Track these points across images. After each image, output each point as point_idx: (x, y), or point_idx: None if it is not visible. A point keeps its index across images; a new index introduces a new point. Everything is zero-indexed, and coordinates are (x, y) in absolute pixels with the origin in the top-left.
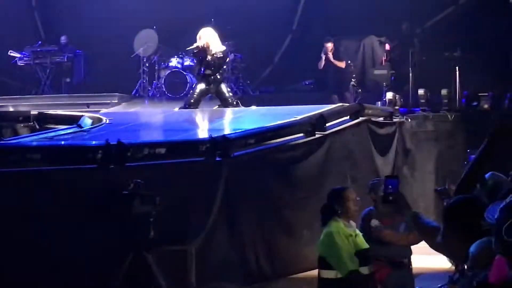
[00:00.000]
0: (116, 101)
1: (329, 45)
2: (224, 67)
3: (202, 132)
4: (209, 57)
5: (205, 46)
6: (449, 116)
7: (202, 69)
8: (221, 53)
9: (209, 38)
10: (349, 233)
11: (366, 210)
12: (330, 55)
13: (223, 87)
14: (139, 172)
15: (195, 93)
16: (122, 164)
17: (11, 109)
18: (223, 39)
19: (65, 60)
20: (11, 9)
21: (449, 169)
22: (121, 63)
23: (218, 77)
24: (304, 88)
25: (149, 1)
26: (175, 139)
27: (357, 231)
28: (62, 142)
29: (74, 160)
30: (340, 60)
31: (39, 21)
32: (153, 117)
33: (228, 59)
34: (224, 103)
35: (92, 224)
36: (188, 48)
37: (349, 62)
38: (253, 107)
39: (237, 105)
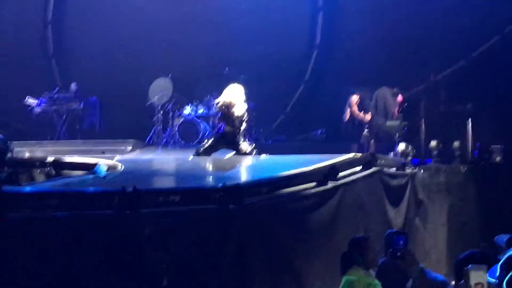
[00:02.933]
0: (131, 147)
1: (354, 98)
2: (245, 125)
3: (215, 180)
4: (230, 115)
5: (228, 104)
6: (461, 168)
7: (222, 126)
8: (243, 113)
9: (234, 97)
10: (368, 281)
11: (381, 260)
12: (355, 108)
13: (241, 142)
14: (154, 218)
15: (210, 142)
16: (137, 210)
17: (27, 155)
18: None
19: (81, 107)
20: (28, 56)
21: (461, 221)
22: (136, 110)
23: (237, 135)
24: (316, 137)
25: (165, 50)
26: (189, 187)
27: (376, 281)
28: (78, 189)
29: (90, 206)
30: (365, 112)
31: (56, 69)
32: (166, 164)
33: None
34: (239, 153)
35: (105, 271)
36: (213, 102)
37: (362, 113)
38: (265, 156)
39: (250, 153)
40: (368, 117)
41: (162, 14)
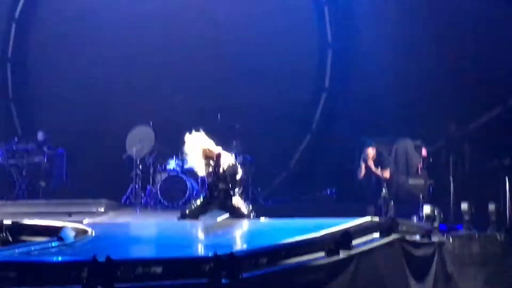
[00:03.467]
0: (103, 209)
1: (370, 151)
2: (239, 180)
3: (205, 248)
4: (219, 169)
5: (212, 154)
6: (498, 236)
7: (212, 183)
8: (235, 166)
9: (213, 146)
10: None
11: None
12: (371, 163)
13: (237, 201)
14: None
15: (198, 202)
16: (111, 284)
17: None
18: (229, 138)
19: (45, 160)
20: None
21: None
22: (110, 165)
23: (231, 193)
24: (325, 198)
25: (145, 92)
26: (173, 256)
27: None
28: (41, 258)
29: (55, 280)
30: (384, 168)
31: (15, 115)
32: (146, 229)
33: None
34: (234, 215)
35: None
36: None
37: (380, 169)
38: (264, 219)
39: (247, 216)
40: (386, 174)
41: (141, 48)
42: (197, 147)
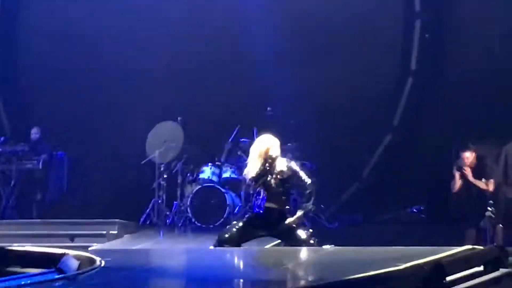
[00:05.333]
0: (116, 231)
1: (468, 156)
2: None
3: (249, 286)
4: (272, 179)
5: (270, 157)
6: None
7: (262, 198)
8: (288, 171)
9: (275, 150)
10: None
11: None
12: (469, 172)
13: (298, 233)
14: None
15: (241, 224)
16: None
17: None
18: (282, 139)
19: (39, 166)
20: None
21: None
22: (124, 173)
23: (286, 212)
24: (409, 218)
25: (171, 81)
26: None
27: None
28: None
29: None
30: (487, 178)
31: (2, 110)
32: (172, 259)
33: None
34: (288, 241)
35: None
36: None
37: (486, 179)
38: (329, 247)
39: (306, 243)
40: (490, 185)
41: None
42: (258, 147)
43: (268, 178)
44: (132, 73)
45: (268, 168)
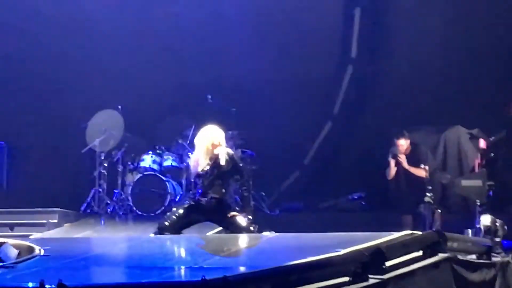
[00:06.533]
0: (56, 220)
1: (402, 143)
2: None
3: (190, 272)
4: (214, 170)
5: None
6: None
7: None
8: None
9: (221, 139)
10: None
11: None
12: (403, 159)
13: (238, 220)
14: None
15: (181, 211)
16: None
17: None
18: (223, 126)
19: None
20: None
21: None
22: (64, 162)
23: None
24: (350, 205)
25: (110, 68)
26: (148, 282)
27: None
28: None
29: None
30: (419, 165)
31: None
32: (113, 246)
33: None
34: (229, 228)
35: None
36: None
37: (421, 166)
38: (269, 234)
39: (247, 230)
40: (422, 172)
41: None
42: (203, 141)
43: (211, 170)
44: (72, 61)
45: (213, 164)
